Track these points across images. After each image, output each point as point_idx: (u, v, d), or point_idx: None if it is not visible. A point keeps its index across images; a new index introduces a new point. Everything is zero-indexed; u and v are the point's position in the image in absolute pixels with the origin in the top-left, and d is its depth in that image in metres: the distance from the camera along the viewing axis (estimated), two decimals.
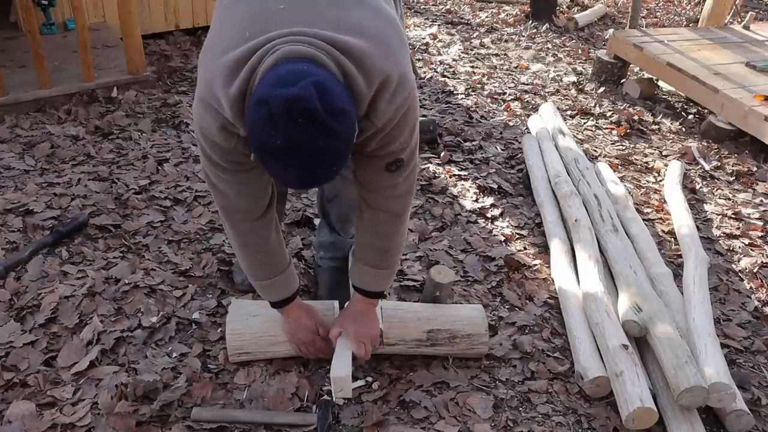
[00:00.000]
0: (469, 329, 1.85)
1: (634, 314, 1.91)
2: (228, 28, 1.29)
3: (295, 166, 1.14)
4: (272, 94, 1.09)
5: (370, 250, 1.64)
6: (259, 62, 1.18)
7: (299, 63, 1.15)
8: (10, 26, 3.81)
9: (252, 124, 1.13)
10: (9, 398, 1.65)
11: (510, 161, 3.19)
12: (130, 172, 2.69)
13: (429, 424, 1.71)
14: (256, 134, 1.13)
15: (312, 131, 1.09)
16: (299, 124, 1.08)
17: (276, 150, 1.11)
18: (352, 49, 1.20)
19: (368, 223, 1.59)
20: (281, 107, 1.08)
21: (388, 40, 1.28)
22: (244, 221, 1.52)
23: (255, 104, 1.12)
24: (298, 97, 1.08)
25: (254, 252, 1.59)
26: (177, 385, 1.73)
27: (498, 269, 2.35)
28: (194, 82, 3.65)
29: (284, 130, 1.08)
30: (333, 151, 1.15)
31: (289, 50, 1.16)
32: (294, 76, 1.11)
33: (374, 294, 1.71)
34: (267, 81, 1.13)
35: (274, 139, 1.10)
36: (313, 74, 1.12)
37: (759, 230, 2.79)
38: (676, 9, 6.96)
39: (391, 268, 1.68)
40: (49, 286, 2.02)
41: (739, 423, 1.75)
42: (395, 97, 1.28)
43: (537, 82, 4.36)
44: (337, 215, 2.01)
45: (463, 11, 6.00)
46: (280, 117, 1.08)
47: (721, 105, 3.60)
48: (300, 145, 1.10)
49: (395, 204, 1.54)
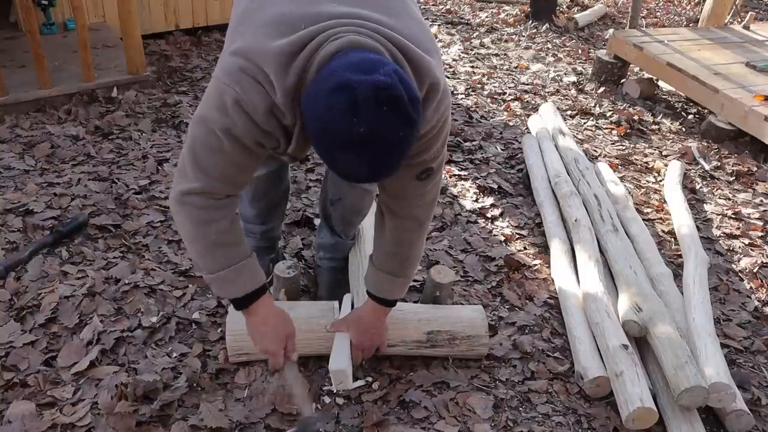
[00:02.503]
0: (469, 331, 1.85)
1: (634, 314, 1.91)
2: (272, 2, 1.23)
3: (371, 157, 1.06)
4: (356, 80, 1.02)
5: (390, 258, 1.60)
6: (317, 49, 1.13)
7: (365, 53, 1.10)
8: (10, 26, 3.81)
9: (326, 111, 1.04)
10: (9, 398, 1.65)
11: (510, 161, 3.19)
12: (130, 172, 2.69)
13: (429, 424, 1.71)
14: (330, 122, 1.04)
15: (396, 120, 1.04)
16: (384, 112, 1.02)
17: (355, 140, 1.03)
18: (407, 48, 1.18)
19: (391, 231, 1.55)
20: (368, 93, 1.00)
21: (435, 48, 1.29)
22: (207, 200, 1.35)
23: (333, 90, 1.03)
24: (386, 84, 1.01)
25: (213, 232, 1.38)
26: (177, 385, 1.73)
27: (498, 269, 2.35)
28: (194, 83, 3.65)
29: (369, 118, 1.01)
30: (408, 141, 1.09)
31: (351, 40, 1.12)
32: (371, 64, 1.05)
33: (388, 302, 1.67)
34: (341, 67, 1.05)
35: (357, 127, 1.01)
36: (388, 63, 1.07)
37: (759, 230, 2.79)
38: (676, 9, 6.96)
39: (409, 277, 1.65)
40: (49, 286, 2.02)
41: (739, 423, 1.75)
42: (439, 106, 1.26)
43: (537, 82, 4.36)
44: (340, 218, 1.99)
45: (463, 11, 6.00)
46: (366, 104, 1.00)
47: (721, 105, 3.60)
48: (381, 134, 1.03)
49: (420, 212, 1.51)
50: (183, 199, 1.35)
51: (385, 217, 1.54)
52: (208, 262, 1.43)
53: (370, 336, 1.70)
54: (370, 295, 1.67)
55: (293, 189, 2.70)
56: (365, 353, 1.72)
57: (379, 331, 1.71)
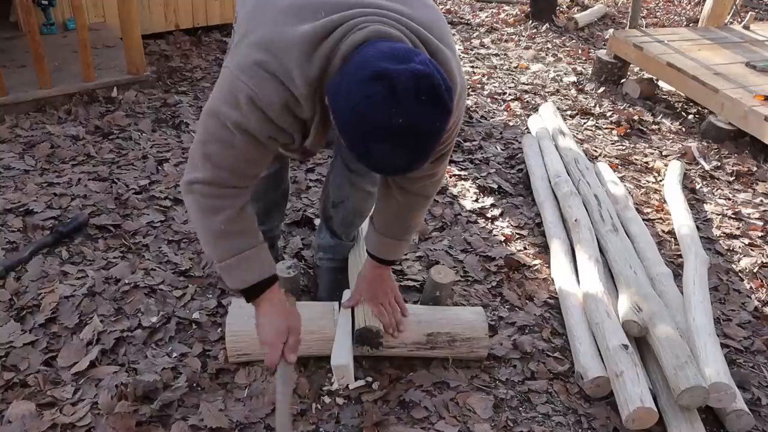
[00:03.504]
0: (469, 332, 1.84)
1: (634, 314, 1.91)
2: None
3: (408, 148, 1.04)
4: (394, 69, 0.99)
5: (394, 225, 1.65)
6: (342, 38, 1.10)
7: (392, 42, 1.08)
8: (10, 26, 3.81)
9: (363, 101, 1.00)
10: (9, 398, 1.65)
11: (510, 161, 3.19)
12: (130, 172, 2.69)
13: (429, 424, 1.71)
14: (368, 113, 1.00)
15: (433, 110, 1.02)
16: (422, 102, 1.00)
17: (393, 130, 1.00)
18: (428, 40, 1.17)
19: (399, 205, 1.59)
20: (408, 83, 0.98)
21: (451, 40, 1.29)
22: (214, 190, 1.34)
23: (370, 79, 1.00)
24: (425, 73, 0.99)
25: (221, 220, 1.35)
26: (177, 385, 1.73)
27: (498, 269, 2.35)
28: (194, 83, 3.65)
29: (408, 108, 0.99)
30: (443, 131, 1.07)
31: (377, 29, 1.10)
32: (404, 53, 1.03)
33: (391, 261, 1.74)
34: (374, 56, 1.03)
35: (395, 117, 0.99)
36: (420, 52, 1.05)
37: (759, 230, 2.79)
38: (676, 9, 6.96)
39: (409, 240, 1.73)
40: (49, 286, 2.02)
41: (739, 423, 1.75)
42: (460, 103, 1.26)
43: (537, 82, 4.36)
44: (341, 220, 1.99)
45: (463, 11, 6.00)
46: (405, 94, 0.98)
47: (721, 105, 3.60)
48: (420, 124, 1.01)
49: (431, 189, 1.58)
50: (191, 187, 1.34)
51: (393, 192, 1.57)
52: (215, 250, 1.40)
53: (384, 292, 1.76)
54: (372, 256, 1.72)
55: (293, 189, 2.70)
56: (387, 312, 1.75)
57: (389, 283, 1.79)
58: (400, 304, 1.81)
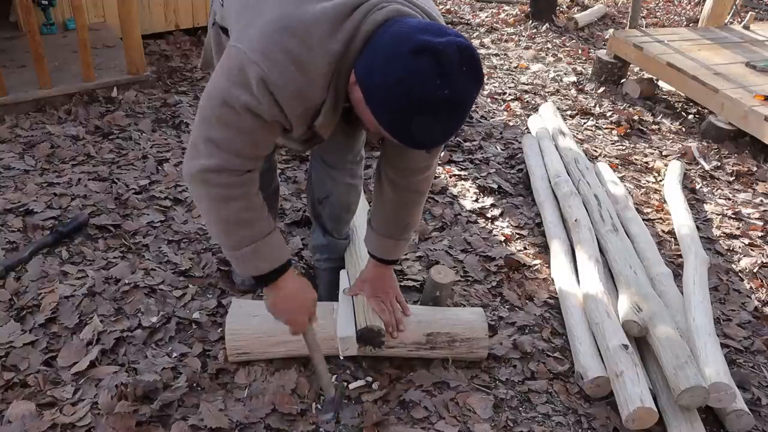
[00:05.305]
0: (469, 333, 1.84)
1: (634, 314, 1.91)
2: None
3: (447, 119, 1.06)
4: (438, 42, 1.01)
5: (390, 224, 1.67)
6: (363, 17, 1.11)
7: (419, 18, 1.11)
8: (10, 26, 3.81)
9: (410, 75, 1.01)
10: (9, 398, 1.65)
11: (510, 161, 3.19)
12: (130, 172, 2.69)
13: (429, 424, 1.71)
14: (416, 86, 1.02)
15: (472, 80, 1.06)
16: (464, 72, 1.03)
17: (438, 102, 1.02)
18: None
19: (393, 202, 1.61)
20: (454, 54, 1.01)
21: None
22: (226, 177, 1.29)
23: (411, 53, 1.01)
24: (466, 45, 1.03)
25: (232, 209, 1.33)
26: (177, 385, 1.73)
27: (498, 269, 2.35)
28: (194, 83, 3.65)
29: (453, 79, 1.01)
30: (474, 102, 1.10)
31: (397, 8, 1.12)
32: (437, 27, 1.05)
33: (391, 261, 1.76)
34: (411, 30, 1.04)
35: (440, 89, 1.01)
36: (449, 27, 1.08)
37: (759, 230, 2.79)
38: (676, 9, 6.96)
39: (408, 239, 1.74)
40: (49, 286, 2.02)
41: (739, 423, 1.75)
42: None
43: (537, 82, 4.36)
44: (330, 216, 2.00)
45: (463, 11, 6.00)
46: (450, 65, 1.00)
47: (721, 105, 3.60)
48: (462, 95, 1.05)
49: (424, 184, 1.60)
50: (201, 176, 1.28)
51: (387, 189, 1.60)
52: (227, 240, 1.38)
53: (385, 290, 1.79)
54: (372, 257, 1.75)
55: (293, 189, 2.70)
56: (388, 309, 1.77)
57: (390, 283, 1.81)
58: (401, 303, 1.83)
